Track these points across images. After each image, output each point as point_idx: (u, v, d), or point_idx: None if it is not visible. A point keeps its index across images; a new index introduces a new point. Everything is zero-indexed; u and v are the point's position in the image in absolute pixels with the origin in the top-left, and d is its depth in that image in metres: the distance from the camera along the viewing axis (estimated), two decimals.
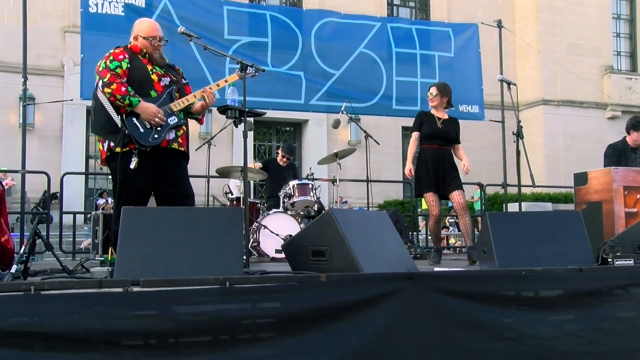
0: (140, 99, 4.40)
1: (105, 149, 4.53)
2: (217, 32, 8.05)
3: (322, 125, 19.65)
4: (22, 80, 7.30)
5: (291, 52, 8.51)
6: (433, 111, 6.50)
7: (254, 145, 19.53)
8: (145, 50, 4.63)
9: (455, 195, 6.18)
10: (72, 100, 12.47)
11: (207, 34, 7.62)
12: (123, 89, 4.36)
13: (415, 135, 6.46)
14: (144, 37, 4.63)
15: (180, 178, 4.65)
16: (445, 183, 6.23)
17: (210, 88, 4.75)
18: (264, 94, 8.15)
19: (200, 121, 4.93)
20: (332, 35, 8.78)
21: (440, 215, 6.31)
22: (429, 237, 13.38)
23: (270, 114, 7.27)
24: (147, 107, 4.41)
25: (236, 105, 4.98)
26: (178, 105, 4.58)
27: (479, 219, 13.01)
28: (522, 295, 3.84)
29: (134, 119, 4.41)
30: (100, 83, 4.41)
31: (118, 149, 4.38)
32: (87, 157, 17.81)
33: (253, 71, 4.90)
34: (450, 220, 16.32)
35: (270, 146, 20.17)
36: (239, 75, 4.87)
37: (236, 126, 4.99)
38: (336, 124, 8.13)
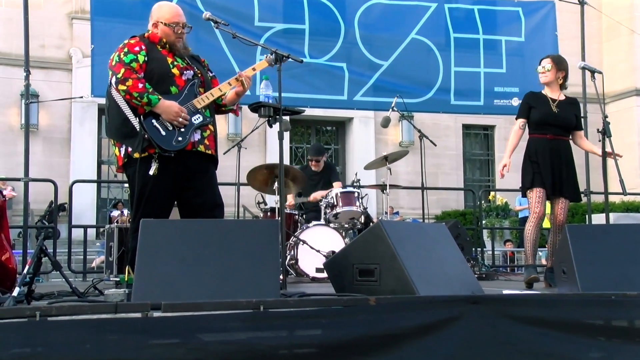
0: (160, 97, 4.42)
1: (121, 155, 4.58)
2: (247, 18, 8.12)
3: (369, 124, 19.63)
4: (24, 74, 7.40)
5: (332, 40, 8.53)
6: (545, 91, 6.08)
7: (291, 148, 19.61)
8: (165, 40, 4.67)
9: (559, 207, 5.86)
10: (81, 97, 12.70)
11: (235, 21, 7.69)
12: (140, 85, 4.38)
13: (520, 122, 6.04)
14: (165, 24, 4.67)
15: (208, 186, 4.68)
16: (561, 182, 5.84)
17: (253, 68, 4.80)
18: (302, 89, 8.19)
19: (235, 112, 5.00)
20: (379, 20, 8.77)
21: (543, 216, 5.83)
22: (497, 254, 13.25)
23: (309, 111, 7.29)
24: (168, 106, 4.43)
25: (270, 101, 5.02)
26: (202, 101, 4.61)
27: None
28: (612, 325, 3.76)
29: (154, 121, 4.42)
30: (113, 79, 4.43)
31: (136, 155, 4.39)
32: (100, 163, 18.10)
33: (286, 55, 4.94)
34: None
35: (310, 149, 20.23)
36: (268, 60, 4.89)
37: (270, 126, 5.02)
38: (385, 123, 8.12)
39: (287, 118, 6.50)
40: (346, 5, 8.67)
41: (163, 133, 4.42)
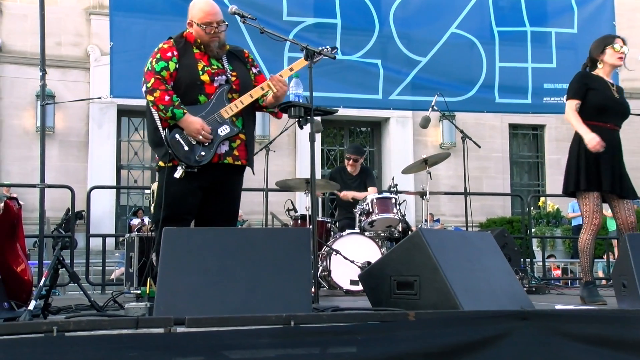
0: (185, 111, 4.56)
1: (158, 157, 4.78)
2: (274, 12, 8.15)
3: (407, 124, 19.59)
4: (40, 74, 7.50)
5: (366, 36, 8.53)
6: (601, 73, 5.76)
7: (323, 151, 19.64)
8: (199, 40, 4.76)
9: (625, 208, 5.54)
10: (99, 98, 12.82)
11: (262, 15, 7.72)
12: (167, 97, 4.53)
13: (575, 104, 5.64)
14: (197, 24, 4.74)
15: (229, 197, 4.81)
16: (621, 180, 5.53)
17: (281, 74, 4.82)
18: (334, 88, 8.20)
19: (277, 115, 5.05)
20: (417, 13, 8.74)
21: (600, 227, 5.54)
22: (547, 266, 13.11)
23: (342, 111, 7.31)
24: (190, 122, 4.55)
25: (301, 101, 5.03)
26: (231, 110, 4.68)
27: (614, 242, 12.65)
28: None
29: (177, 135, 4.59)
30: (144, 87, 4.61)
31: (162, 163, 4.64)
32: (119, 167, 18.30)
33: (327, 49, 4.97)
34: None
35: (342, 151, 20.22)
36: (306, 60, 4.92)
37: (301, 127, 5.04)
38: (425, 123, 8.09)
39: (318, 119, 6.51)
40: None
41: (186, 148, 4.58)
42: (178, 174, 4.53)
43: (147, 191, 8.43)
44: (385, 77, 8.53)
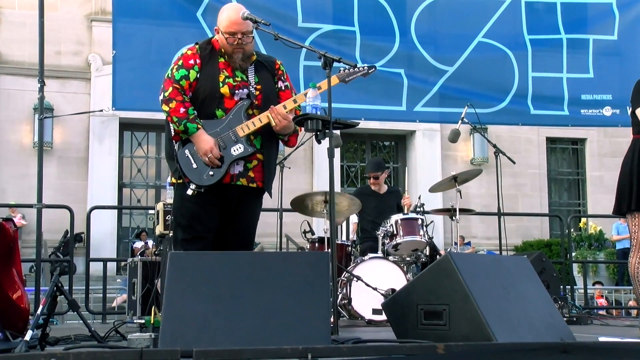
0: (199, 126, 4.60)
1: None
2: (288, 18, 8.19)
3: (435, 138, 19.58)
4: (39, 85, 7.53)
5: (387, 43, 8.54)
6: None
7: (342, 167, 19.67)
8: (223, 50, 4.80)
9: None
10: (101, 110, 12.95)
11: (275, 21, 7.75)
12: (182, 110, 4.58)
13: None
14: (222, 32, 4.77)
15: (244, 220, 4.84)
16: None
17: (283, 106, 4.76)
18: (354, 99, 8.20)
19: (287, 144, 5.00)
20: (442, 19, 8.76)
21: None
22: (589, 293, 13.02)
23: (364, 124, 7.32)
24: (201, 140, 4.59)
25: (318, 113, 5.03)
26: (246, 128, 4.70)
27: None
28: None
29: (187, 151, 4.64)
30: (161, 96, 4.68)
31: (173, 180, 4.74)
32: (121, 186, 18.38)
33: (364, 68, 5.04)
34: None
35: (364, 168, 20.24)
36: (339, 77, 4.98)
37: (319, 142, 5.02)
38: (454, 137, 8.09)
39: (338, 132, 6.52)
40: (403, 3, 8.67)
41: (194, 165, 4.62)
42: (190, 191, 4.57)
43: (151, 211, 8.47)
44: (409, 87, 8.53)
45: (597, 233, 18.00)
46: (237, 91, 4.74)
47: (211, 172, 4.60)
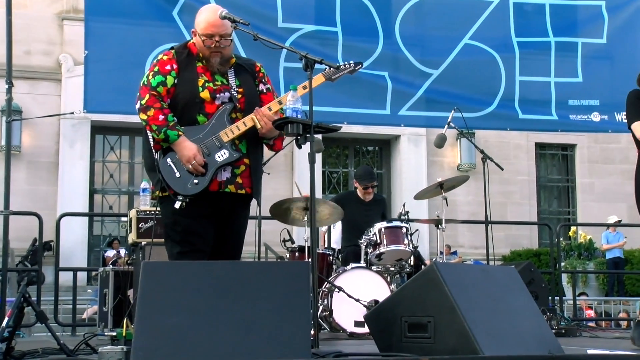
0: (180, 133, 4.55)
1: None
2: (268, 18, 8.18)
3: (420, 143, 19.62)
4: (6, 87, 7.51)
5: (370, 44, 8.56)
6: None
7: (324, 173, 19.67)
8: (201, 54, 4.75)
9: None
10: (72, 113, 12.86)
11: (255, 21, 7.74)
12: (161, 117, 4.53)
13: None
14: (199, 34, 4.71)
15: (233, 229, 4.81)
16: None
17: (269, 108, 4.75)
18: (337, 102, 8.20)
19: (273, 148, 4.99)
20: (427, 20, 8.79)
21: None
22: (578, 305, 13.06)
23: (346, 128, 7.32)
24: (184, 147, 4.54)
25: (299, 116, 5.02)
26: (230, 132, 4.66)
27: None
28: None
29: (169, 159, 4.59)
30: (138, 104, 4.62)
31: (157, 192, 4.67)
32: (92, 192, 18.30)
33: (351, 65, 4.99)
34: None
35: (347, 173, 20.28)
36: (325, 76, 4.94)
37: (299, 147, 5.02)
38: (440, 142, 8.10)
39: (319, 137, 6.52)
40: (387, 3, 8.69)
41: (177, 174, 4.56)
42: (178, 204, 4.52)
43: (123, 219, 8.44)
44: (393, 90, 8.55)
45: (587, 242, 18.10)
46: (218, 95, 4.70)
47: (195, 181, 4.54)
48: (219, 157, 4.61)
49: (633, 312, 14.03)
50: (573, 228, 18.74)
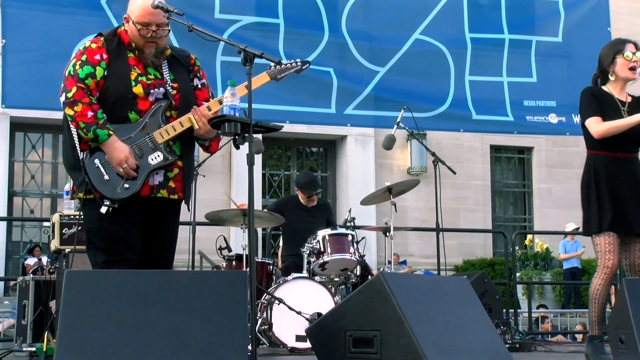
0: (111, 132, 4.44)
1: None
2: (205, 8, 8.17)
3: (368, 144, 19.69)
4: None
5: (314, 37, 8.58)
6: (610, 89, 5.76)
7: (264, 176, 19.64)
8: (133, 44, 4.65)
9: (637, 248, 5.59)
10: None
11: (190, 11, 7.70)
12: (90, 114, 4.40)
13: (598, 120, 5.60)
14: (133, 22, 4.60)
15: (165, 236, 4.75)
16: (638, 217, 5.57)
17: (208, 107, 4.71)
18: (278, 100, 8.21)
19: (209, 149, 4.97)
20: (373, 15, 8.84)
21: (616, 269, 5.51)
22: (534, 317, 13.21)
23: (288, 128, 7.32)
24: (114, 149, 4.44)
25: (237, 114, 5.02)
26: (165, 133, 4.58)
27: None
28: None
29: (97, 161, 4.48)
30: (63, 97, 4.47)
31: (81, 194, 4.52)
32: (11, 194, 18.03)
33: (298, 64, 5.03)
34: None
35: (289, 176, 20.27)
36: (270, 74, 4.94)
37: (237, 147, 5.00)
38: (389, 143, 8.15)
39: (259, 136, 6.53)
40: None
41: (106, 177, 4.46)
42: (104, 209, 4.41)
43: (46, 224, 8.33)
44: (339, 87, 8.57)
45: (544, 251, 18.31)
46: (152, 90, 4.60)
47: (126, 185, 4.45)
48: (152, 159, 4.53)
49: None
50: (529, 236, 18.94)
